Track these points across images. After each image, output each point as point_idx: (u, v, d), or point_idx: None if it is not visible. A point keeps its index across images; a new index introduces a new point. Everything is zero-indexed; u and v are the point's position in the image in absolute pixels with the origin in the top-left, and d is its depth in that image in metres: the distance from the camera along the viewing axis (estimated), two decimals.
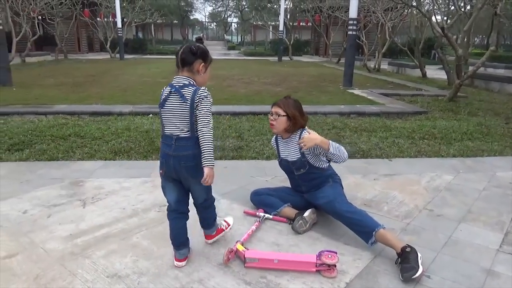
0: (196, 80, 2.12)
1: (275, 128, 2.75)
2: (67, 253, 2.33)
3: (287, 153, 2.82)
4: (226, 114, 6.25)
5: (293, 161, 2.77)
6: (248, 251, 2.25)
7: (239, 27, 57.25)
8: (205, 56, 2.13)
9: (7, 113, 5.99)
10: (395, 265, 2.26)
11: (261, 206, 2.95)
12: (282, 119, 2.69)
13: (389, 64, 16.06)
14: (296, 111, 2.69)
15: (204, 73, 2.14)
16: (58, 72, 12.50)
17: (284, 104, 2.70)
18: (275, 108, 2.71)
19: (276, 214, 2.84)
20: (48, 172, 3.74)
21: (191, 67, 2.09)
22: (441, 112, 6.86)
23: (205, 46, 2.18)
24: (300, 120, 2.73)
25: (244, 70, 14.67)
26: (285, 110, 2.68)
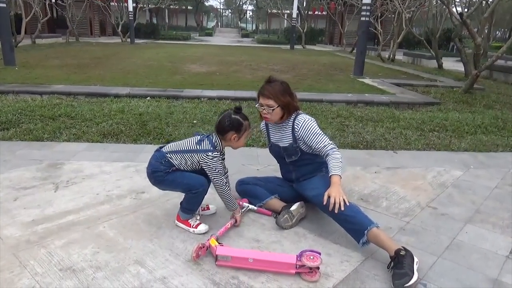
0: (229, 145, 2.31)
1: (270, 120, 2.47)
2: (23, 241, 2.12)
3: (278, 138, 2.56)
4: (226, 99, 5.99)
5: (285, 147, 2.51)
6: (220, 248, 2.00)
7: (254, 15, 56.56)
8: (238, 128, 2.25)
9: (2, 92, 5.83)
10: (387, 270, 1.98)
11: (245, 197, 2.69)
12: (276, 111, 2.40)
13: (404, 55, 15.49)
14: (286, 96, 2.41)
15: (237, 141, 2.29)
16: (66, 54, 12.36)
17: (272, 93, 2.39)
18: (265, 99, 2.40)
19: (261, 206, 2.58)
20: (29, 152, 3.55)
21: (224, 136, 2.26)
22: (455, 104, 6.46)
23: (243, 115, 2.28)
24: (293, 104, 2.46)
25: (254, 57, 14.32)
26: (275, 100, 2.39)
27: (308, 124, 2.41)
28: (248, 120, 2.31)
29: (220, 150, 2.28)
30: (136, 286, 1.80)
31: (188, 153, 2.24)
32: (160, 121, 4.68)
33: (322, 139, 2.37)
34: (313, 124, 2.41)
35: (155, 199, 2.70)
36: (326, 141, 2.37)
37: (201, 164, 2.23)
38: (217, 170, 2.22)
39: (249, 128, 2.31)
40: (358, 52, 9.21)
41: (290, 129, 2.48)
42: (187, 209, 2.31)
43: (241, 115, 2.27)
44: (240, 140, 2.30)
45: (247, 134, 2.34)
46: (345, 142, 4.21)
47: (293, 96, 2.47)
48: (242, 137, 2.29)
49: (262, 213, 2.55)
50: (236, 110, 2.28)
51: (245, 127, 2.28)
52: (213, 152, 2.21)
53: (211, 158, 2.20)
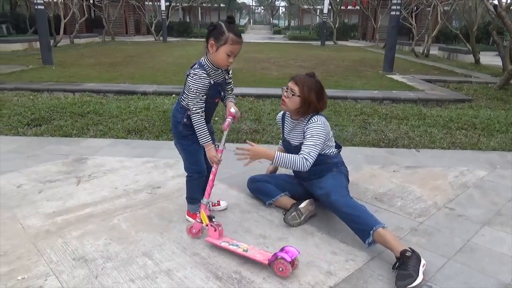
0: (211, 59, 2.10)
1: (285, 106, 2.45)
2: (43, 231, 2.25)
3: (292, 135, 2.56)
4: (250, 96, 6.02)
5: (296, 146, 2.51)
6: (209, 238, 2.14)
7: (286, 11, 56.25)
8: (218, 36, 2.04)
9: (38, 90, 6.15)
10: (392, 270, 1.95)
11: (257, 194, 2.74)
12: (295, 99, 2.39)
13: (440, 49, 14.92)
14: (313, 94, 2.38)
15: (215, 52, 2.05)
16: (100, 53, 12.83)
17: (302, 82, 2.39)
18: (292, 83, 2.41)
19: (271, 203, 2.60)
20: (57, 148, 3.74)
21: (207, 45, 2.08)
22: (488, 101, 6.18)
23: (234, 26, 2.07)
24: (316, 105, 2.42)
25: (283, 53, 14.28)
26: (301, 90, 2.37)
27: (316, 124, 2.38)
28: (237, 36, 2.03)
29: (206, 68, 2.09)
30: (142, 277, 1.88)
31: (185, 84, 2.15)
32: None
33: (311, 142, 2.33)
34: (319, 127, 2.36)
35: (169, 194, 2.78)
36: (308, 147, 2.32)
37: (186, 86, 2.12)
38: (194, 90, 2.05)
39: (232, 44, 2.02)
40: (387, 48, 8.98)
41: (303, 128, 2.47)
42: (189, 198, 2.37)
43: (228, 25, 2.04)
44: (219, 53, 2.04)
45: (229, 51, 2.04)
46: (366, 140, 4.14)
47: (321, 98, 2.43)
48: (220, 48, 2.02)
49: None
50: (228, 19, 2.08)
51: (226, 38, 2.01)
52: (196, 69, 2.06)
53: (192, 75, 2.05)
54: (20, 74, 7.73)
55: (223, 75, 2.20)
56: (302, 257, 2.04)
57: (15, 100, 5.44)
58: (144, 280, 1.86)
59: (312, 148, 2.32)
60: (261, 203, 2.68)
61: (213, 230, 2.12)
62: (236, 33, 2.04)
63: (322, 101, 2.45)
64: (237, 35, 2.04)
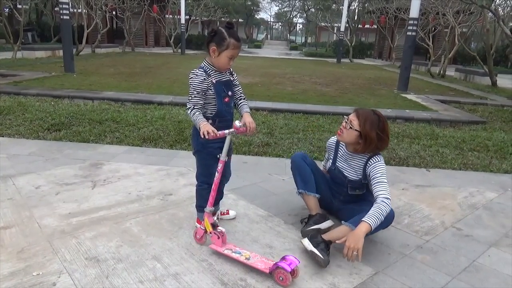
0: (212, 62, 2.20)
1: (341, 136, 2.41)
2: (58, 231, 2.34)
3: (347, 167, 2.49)
4: (263, 110, 6.12)
5: (351, 180, 2.47)
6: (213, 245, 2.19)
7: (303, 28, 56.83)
8: (220, 42, 2.13)
9: (60, 96, 6.37)
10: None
11: (295, 174, 2.59)
12: (352, 133, 2.33)
13: (456, 71, 14.85)
14: (374, 132, 2.29)
15: (217, 57, 2.16)
16: (120, 63, 13.17)
17: (364, 117, 2.31)
18: (353, 116, 2.35)
19: (302, 193, 2.53)
20: (75, 152, 3.87)
21: (208, 50, 2.17)
22: (503, 123, 6.14)
23: (234, 32, 2.16)
24: (376, 144, 2.33)
25: (298, 69, 14.42)
26: (361, 125, 2.30)
27: (381, 163, 2.36)
28: (237, 41, 2.14)
29: (206, 69, 2.18)
30: (151, 279, 1.94)
31: None
32: None
33: (383, 182, 2.29)
34: (384, 166, 2.37)
35: (180, 201, 2.86)
36: (385, 187, 2.27)
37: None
38: (192, 87, 2.14)
39: (234, 48, 2.13)
40: (402, 67, 9.02)
41: (363, 164, 2.42)
42: (198, 206, 2.43)
43: (228, 30, 2.13)
44: (221, 57, 2.14)
45: (231, 55, 2.15)
46: None
47: (382, 137, 2.33)
48: (222, 53, 2.13)
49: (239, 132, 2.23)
50: (227, 25, 2.17)
51: (228, 44, 2.11)
52: (196, 70, 2.16)
53: (191, 75, 2.16)
54: (42, 80, 8.01)
55: (226, 76, 2.28)
56: (307, 268, 2.08)
57: (37, 106, 5.64)
58: (153, 282, 1.92)
59: (386, 187, 2.27)
60: (268, 217, 2.72)
61: (216, 237, 2.18)
62: (236, 38, 2.15)
63: (384, 140, 2.35)
64: (237, 39, 2.15)
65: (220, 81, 2.23)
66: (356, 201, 2.56)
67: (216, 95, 2.20)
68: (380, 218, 2.16)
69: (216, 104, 2.22)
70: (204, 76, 2.17)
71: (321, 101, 7.21)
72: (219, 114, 2.23)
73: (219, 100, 2.22)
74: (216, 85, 2.20)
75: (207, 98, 2.21)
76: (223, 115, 2.25)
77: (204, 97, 2.19)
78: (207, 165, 2.34)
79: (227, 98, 2.26)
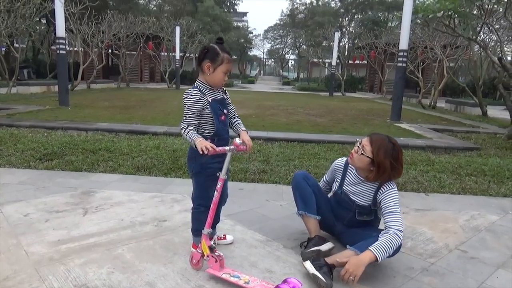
0: (207, 80, 2.18)
1: (352, 160, 2.34)
2: (46, 258, 2.22)
3: (356, 192, 2.41)
4: (258, 139, 6.10)
5: (361, 205, 2.38)
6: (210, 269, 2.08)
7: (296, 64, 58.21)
8: (213, 57, 2.13)
9: (53, 128, 6.32)
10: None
11: (296, 194, 2.50)
12: (364, 159, 2.26)
13: (447, 102, 15.13)
14: (387, 160, 2.21)
15: (212, 73, 2.15)
16: (115, 97, 13.24)
17: (376, 143, 2.23)
18: (366, 141, 2.28)
19: (302, 215, 2.44)
20: (66, 181, 3.77)
21: (201, 68, 2.16)
22: (497, 150, 6.16)
23: (225, 47, 2.17)
24: (389, 172, 2.24)
25: (291, 102, 14.60)
26: (374, 152, 2.22)
27: (394, 191, 2.29)
28: (229, 55, 2.17)
29: (201, 88, 2.17)
30: None
31: None
32: None
33: (397, 212, 2.22)
34: (397, 194, 2.30)
35: (175, 227, 2.76)
36: (398, 218, 2.19)
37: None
38: (187, 107, 2.12)
39: (227, 63, 2.15)
40: (395, 97, 9.15)
41: (374, 190, 2.34)
42: (195, 230, 2.34)
43: (220, 46, 2.14)
44: (216, 73, 2.14)
45: (226, 70, 2.16)
46: None
47: (396, 166, 2.25)
48: (218, 69, 2.13)
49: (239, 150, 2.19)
50: (218, 41, 2.18)
51: (222, 59, 2.12)
52: (190, 89, 2.15)
53: (185, 95, 2.14)
54: (36, 113, 7.98)
55: (220, 94, 2.26)
56: None
57: (29, 137, 5.57)
58: None
59: (400, 217, 2.20)
60: (267, 241, 2.62)
61: (214, 261, 2.08)
62: (228, 53, 2.17)
63: (397, 171, 2.26)
64: (229, 54, 2.19)
65: (215, 100, 2.21)
66: (361, 225, 2.48)
67: (213, 114, 2.17)
68: (389, 251, 2.09)
69: (214, 123, 2.18)
70: (200, 95, 2.15)
71: (316, 131, 7.23)
72: (217, 133, 2.20)
73: (216, 119, 2.19)
74: (212, 104, 2.18)
75: (204, 117, 2.18)
76: (221, 134, 2.22)
77: (198, 117, 2.16)
78: (206, 186, 2.27)
79: (223, 117, 2.24)
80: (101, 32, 17.41)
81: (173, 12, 28.42)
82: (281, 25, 48.92)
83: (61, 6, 9.19)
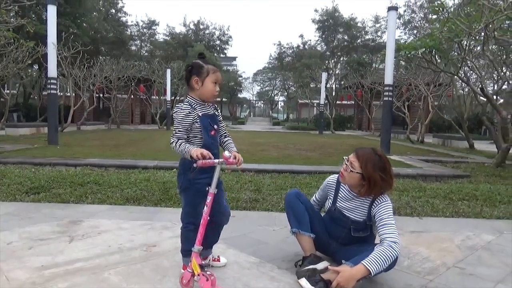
0: (199, 96, 2.20)
1: (344, 179, 2.32)
2: (28, 283, 2.11)
3: (350, 208, 2.38)
4: (249, 171, 6.07)
5: (354, 221, 2.35)
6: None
7: (285, 105, 59.31)
8: (199, 70, 2.17)
9: (41, 164, 6.21)
10: None
11: (288, 212, 2.47)
12: (355, 176, 2.24)
13: (434, 137, 15.41)
14: (376, 173, 2.19)
15: (201, 87, 2.17)
16: (105, 137, 13.21)
17: (363, 157, 2.23)
18: (353, 157, 2.27)
19: (296, 233, 2.39)
20: (53, 211, 3.67)
21: (190, 85, 2.20)
22: (487, 177, 6.20)
23: (208, 60, 2.22)
24: (380, 184, 2.22)
25: (282, 139, 14.71)
26: (362, 166, 2.21)
27: (388, 204, 2.28)
28: (214, 65, 2.21)
29: (191, 103, 2.18)
30: None
31: None
32: None
33: (391, 224, 2.19)
34: (390, 207, 2.28)
35: (165, 252, 2.66)
36: (393, 230, 2.16)
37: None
38: (177, 121, 2.13)
39: (214, 72, 2.18)
40: (383, 131, 9.30)
41: (367, 205, 2.32)
42: (184, 250, 2.26)
43: (203, 60, 2.21)
44: (205, 85, 2.16)
45: (214, 79, 2.18)
46: None
47: (386, 177, 2.23)
48: (206, 80, 2.16)
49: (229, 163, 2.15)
50: (199, 56, 2.24)
51: (207, 70, 2.16)
52: (181, 104, 2.17)
53: (175, 109, 2.17)
54: (24, 151, 7.88)
55: (212, 110, 2.27)
56: None
57: (16, 172, 5.46)
58: None
59: (394, 229, 2.17)
60: (261, 263, 2.54)
61: (205, 279, 1.99)
62: (212, 64, 2.22)
63: (387, 179, 2.24)
64: (214, 65, 2.23)
65: (206, 115, 2.21)
66: (356, 242, 2.43)
67: (202, 128, 2.17)
68: (383, 264, 2.04)
69: (202, 138, 2.18)
70: (189, 109, 2.16)
71: (307, 163, 7.23)
72: (206, 147, 2.18)
73: (206, 133, 2.19)
74: (202, 118, 2.18)
75: (193, 131, 2.18)
76: (210, 148, 2.20)
77: (188, 131, 2.16)
78: (195, 203, 2.22)
79: (213, 131, 2.24)
80: (92, 75, 17.68)
81: (164, 57, 29.11)
82: (269, 68, 50.30)
83: (53, 48, 9.38)
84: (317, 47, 37.04)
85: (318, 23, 35.17)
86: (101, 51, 28.92)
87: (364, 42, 35.00)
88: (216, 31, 38.14)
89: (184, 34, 37.48)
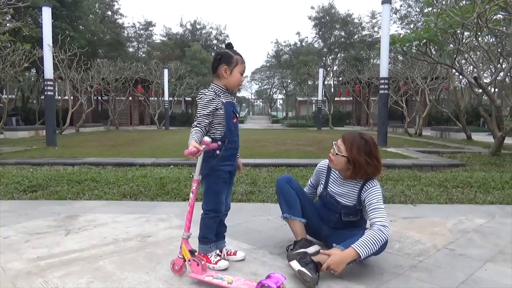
0: (225, 85, 2.25)
1: (332, 163, 2.37)
2: (24, 273, 2.15)
3: (340, 193, 2.41)
4: (246, 165, 6.10)
5: (345, 206, 2.38)
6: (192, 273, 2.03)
7: (284, 103, 59.35)
8: (228, 60, 2.22)
9: (39, 164, 6.26)
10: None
11: (280, 197, 2.48)
12: (341, 159, 2.28)
13: (432, 129, 15.46)
14: (361, 156, 2.22)
15: (229, 75, 2.22)
16: (104, 138, 13.25)
17: (349, 141, 2.27)
18: (340, 141, 2.32)
19: (287, 218, 2.41)
20: (50, 208, 3.70)
21: (217, 73, 2.25)
22: (482, 165, 6.23)
23: (234, 51, 2.26)
24: (365, 168, 2.24)
25: (281, 135, 14.75)
26: (348, 150, 2.25)
27: (377, 188, 2.29)
28: (241, 57, 2.26)
29: (215, 90, 2.22)
30: None
31: None
32: (179, 183, 4.80)
33: (380, 209, 2.21)
34: (380, 191, 2.29)
35: (159, 242, 2.70)
36: (382, 214, 2.19)
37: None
38: (200, 106, 2.16)
39: (242, 63, 2.25)
40: (380, 123, 9.34)
41: (357, 190, 2.34)
42: (202, 237, 2.27)
43: (232, 50, 2.27)
44: (233, 75, 2.23)
45: (241, 70, 2.26)
46: None
47: (371, 160, 2.25)
48: (234, 70, 2.23)
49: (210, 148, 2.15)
50: (227, 46, 2.29)
51: (237, 60, 2.23)
52: (205, 90, 2.21)
53: (199, 95, 2.21)
54: (23, 152, 7.93)
55: (233, 99, 2.33)
56: None
57: (14, 172, 5.51)
58: None
59: (384, 213, 2.19)
60: (253, 249, 2.57)
61: (195, 264, 2.02)
62: (240, 55, 2.28)
63: (373, 163, 2.26)
64: (241, 56, 2.28)
65: (229, 102, 2.25)
66: (347, 226, 2.46)
67: (225, 115, 2.20)
68: (373, 247, 2.07)
69: (225, 125, 2.21)
70: (213, 95, 2.20)
71: (304, 157, 7.27)
72: (228, 135, 2.21)
73: (229, 120, 2.22)
74: (226, 105, 2.22)
75: (216, 118, 2.19)
76: (232, 136, 2.24)
77: (211, 117, 2.16)
78: (216, 190, 2.25)
79: (235, 119, 2.28)
80: (90, 77, 17.72)
81: (161, 58, 29.12)
82: (267, 67, 50.31)
83: (49, 50, 9.41)
84: (314, 44, 37.09)
85: (314, 20, 35.24)
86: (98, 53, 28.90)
87: (361, 38, 35.02)
88: (213, 30, 38.11)
89: (181, 34, 37.46)
